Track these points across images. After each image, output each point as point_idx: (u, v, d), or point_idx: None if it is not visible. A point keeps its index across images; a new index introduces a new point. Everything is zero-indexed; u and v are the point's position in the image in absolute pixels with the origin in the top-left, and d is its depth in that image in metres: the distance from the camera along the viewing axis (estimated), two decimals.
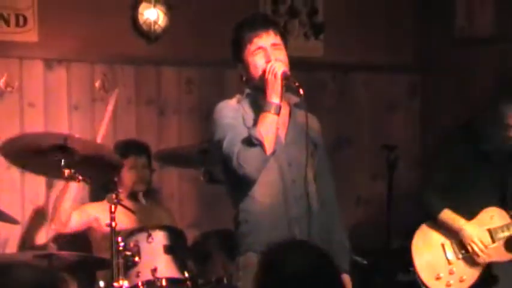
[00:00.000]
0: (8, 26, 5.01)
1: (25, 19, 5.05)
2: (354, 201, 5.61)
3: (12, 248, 4.93)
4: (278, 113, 3.60)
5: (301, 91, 3.62)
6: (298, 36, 5.66)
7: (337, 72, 5.80)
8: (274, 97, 3.61)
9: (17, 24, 5.03)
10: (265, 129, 3.59)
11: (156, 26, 5.29)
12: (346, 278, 3.73)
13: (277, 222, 3.66)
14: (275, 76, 3.60)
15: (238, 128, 3.66)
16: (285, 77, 3.61)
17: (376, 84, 5.91)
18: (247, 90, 3.76)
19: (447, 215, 4.55)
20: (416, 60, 5.97)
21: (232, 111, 3.71)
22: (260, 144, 3.57)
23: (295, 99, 3.85)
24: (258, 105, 3.70)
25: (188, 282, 4.23)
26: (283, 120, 3.77)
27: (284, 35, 3.84)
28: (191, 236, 4.76)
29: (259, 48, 3.68)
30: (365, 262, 4.68)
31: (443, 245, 4.55)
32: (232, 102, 3.76)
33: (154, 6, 5.27)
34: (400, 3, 5.98)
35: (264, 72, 3.65)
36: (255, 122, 3.64)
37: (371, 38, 5.86)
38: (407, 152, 5.54)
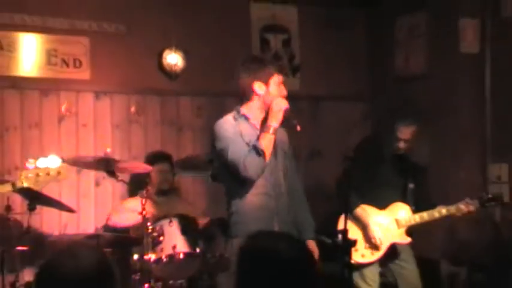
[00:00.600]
0: (68, 67, 5.06)
1: (80, 62, 5.11)
2: (323, 197, 5.33)
3: (70, 230, 4.96)
4: (275, 134, 3.66)
5: (298, 127, 3.64)
6: None
7: (310, 101, 5.80)
8: (274, 122, 3.65)
9: (75, 66, 5.09)
10: (266, 145, 3.63)
11: (176, 67, 5.35)
12: (312, 243, 3.83)
13: (261, 215, 3.70)
14: (280, 109, 3.65)
15: (238, 141, 3.64)
16: (286, 113, 3.66)
17: (339, 110, 5.92)
18: (242, 110, 3.74)
19: (360, 212, 4.55)
20: (368, 92, 6.00)
21: (231, 127, 3.69)
22: (263, 155, 3.62)
23: None
24: (250, 122, 3.71)
25: (199, 256, 4.28)
26: None
27: None
28: (201, 222, 4.67)
29: (281, 83, 3.74)
30: (329, 241, 4.69)
31: (360, 229, 4.54)
32: (230, 119, 3.74)
33: (175, 52, 5.32)
34: (356, 49, 6.00)
35: (272, 102, 3.67)
36: (257, 137, 3.64)
37: (335, 76, 5.87)
38: None
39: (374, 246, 4.57)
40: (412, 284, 4.62)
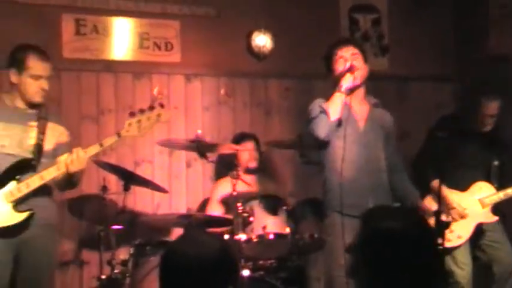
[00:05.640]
0: (160, 50, 5.04)
1: (171, 45, 5.07)
2: (411, 178, 5.21)
3: (163, 210, 4.98)
4: (345, 93, 3.69)
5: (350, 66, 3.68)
6: (369, 55, 5.49)
7: (398, 82, 5.66)
8: (343, 82, 3.70)
9: (166, 49, 5.05)
10: (331, 102, 3.68)
11: (264, 49, 5.28)
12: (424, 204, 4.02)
13: (355, 190, 3.69)
14: (344, 69, 3.72)
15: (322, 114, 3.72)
16: (349, 67, 3.71)
17: (428, 91, 5.72)
18: None
19: (436, 184, 4.21)
20: (458, 72, 5.76)
21: (317, 106, 3.78)
22: (325, 112, 3.66)
23: (374, 100, 3.91)
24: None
25: (288, 237, 4.21)
26: (363, 115, 3.82)
27: (362, 48, 3.91)
28: (290, 202, 4.62)
29: (341, 57, 3.77)
30: None
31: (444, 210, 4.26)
32: (318, 100, 3.83)
33: (264, 34, 5.25)
34: (446, 28, 5.78)
35: (339, 72, 3.75)
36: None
37: (424, 56, 5.69)
38: None
39: (460, 226, 4.35)
40: (507, 266, 4.42)
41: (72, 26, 4.84)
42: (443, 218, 4.20)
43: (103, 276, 4.24)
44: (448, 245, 4.33)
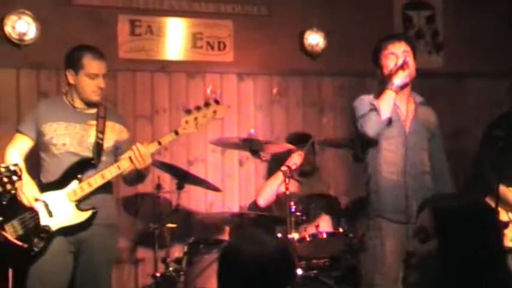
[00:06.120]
0: (213, 50, 5.04)
1: (224, 45, 5.07)
2: (466, 177, 5.07)
3: (216, 208, 5.00)
4: (395, 90, 3.61)
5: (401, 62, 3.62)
6: (424, 53, 5.48)
7: (453, 79, 5.55)
8: (395, 79, 3.62)
9: (219, 49, 5.05)
10: (382, 100, 3.61)
11: (317, 48, 5.24)
12: None
13: (398, 193, 3.62)
14: (397, 65, 3.64)
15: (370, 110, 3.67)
16: (402, 64, 3.63)
17: (484, 87, 5.59)
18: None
19: (503, 190, 4.11)
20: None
21: (367, 103, 3.72)
22: (376, 110, 3.59)
23: (420, 98, 3.84)
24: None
25: (341, 235, 4.23)
26: (408, 115, 3.74)
27: (413, 45, 3.82)
28: (343, 202, 4.74)
29: (391, 53, 3.69)
30: None
31: (506, 210, 4.16)
32: (365, 97, 3.79)
33: (316, 32, 5.22)
34: (503, 26, 5.65)
35: (391, 70, 3.66)
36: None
37: (479, 52, 5.54)
38: None
39: None
40: None
41: (128, 26, 4.91)
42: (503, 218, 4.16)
43: (158, 274, 4.30)
44: (510, 244, 4.19)
